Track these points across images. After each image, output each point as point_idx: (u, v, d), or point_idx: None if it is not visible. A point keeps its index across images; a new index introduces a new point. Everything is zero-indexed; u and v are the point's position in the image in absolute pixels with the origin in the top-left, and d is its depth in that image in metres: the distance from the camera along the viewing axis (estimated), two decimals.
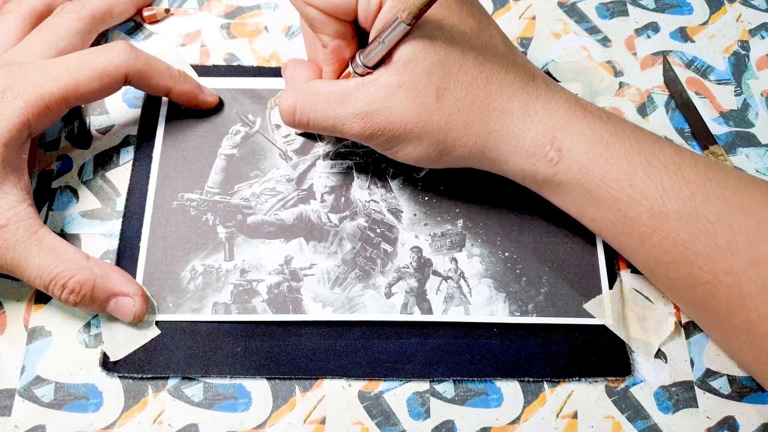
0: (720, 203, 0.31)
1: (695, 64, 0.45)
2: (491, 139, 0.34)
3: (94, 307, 0.35)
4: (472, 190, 0.40)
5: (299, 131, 0.42)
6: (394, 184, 0.40)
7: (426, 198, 0.40)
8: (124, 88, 0.38)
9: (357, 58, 0.34)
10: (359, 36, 0.35)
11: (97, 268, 0.34)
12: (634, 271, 0.39)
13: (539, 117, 0.33)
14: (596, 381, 0.36)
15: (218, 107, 0.42)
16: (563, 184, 0.34)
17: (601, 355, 0.36)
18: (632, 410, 0.36)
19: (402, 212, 0.40)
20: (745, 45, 0.46)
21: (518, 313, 0.37)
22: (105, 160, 0.41)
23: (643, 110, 0.43)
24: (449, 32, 0.33)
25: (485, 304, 0.37)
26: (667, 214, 0.32)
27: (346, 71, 0.36)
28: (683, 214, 0.31)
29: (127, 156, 0.41)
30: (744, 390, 0.36)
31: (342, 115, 0.34)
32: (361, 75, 0.34)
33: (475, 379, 0.36)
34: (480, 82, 0.33)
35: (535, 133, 0.33)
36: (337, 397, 0.36)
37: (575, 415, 0.35)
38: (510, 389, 0.36)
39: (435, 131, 0.34)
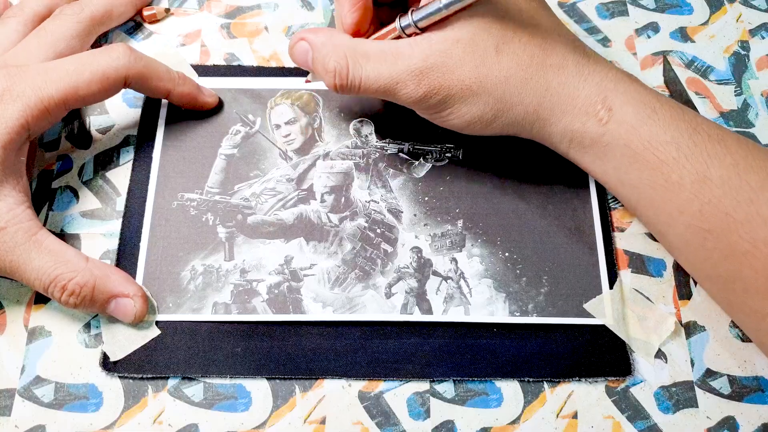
0: (764, 173, 0.32)
1: (695, 64, 0.45)
2: (548, 97, 0.34)
3: (94, 309, 0.35)
4: (472, 190, 0.40)
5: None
6: (394, 184, 0.40)
7: (426, 198, 0.40)
8: None
9: (409, 15, 0.33)
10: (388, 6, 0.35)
11: (96, 270, 0.34)
12: (635, 271, 0.39)
13: (592, 77, 0.34)
14: (596, 381, 0.36)
15: (218, 107, 0.42)
16: (610, 145, 0.34)
17: (601, 355, 0.36)
18: (632, 410, 0.36)
19: (402, 212, 0.40)
20: (745, 45, 0.46)
21: (518, 313, 0.37)
22: (105, 160, 0.41)
23: None
24: None
25: (485, 304, 0.37)
26: (711, 179, 0.32)
27: (388, 30, 0.35)
28: (726, 180, 0.32)
29: (127, 156, 0.41)
30: (744, 390, 0.36)
31: (395, 73, 0.33)
32: (409, 36, 0.34)
33: (475, 379, 0.36)
34: (537, 40, 0.34)
35: (588, 92, 0.34)
36: (337, 397, 0.36)
37: (575, 415, 0.35)
38: (510, 389, 0.36)
39: (494, 87, 0.33)
